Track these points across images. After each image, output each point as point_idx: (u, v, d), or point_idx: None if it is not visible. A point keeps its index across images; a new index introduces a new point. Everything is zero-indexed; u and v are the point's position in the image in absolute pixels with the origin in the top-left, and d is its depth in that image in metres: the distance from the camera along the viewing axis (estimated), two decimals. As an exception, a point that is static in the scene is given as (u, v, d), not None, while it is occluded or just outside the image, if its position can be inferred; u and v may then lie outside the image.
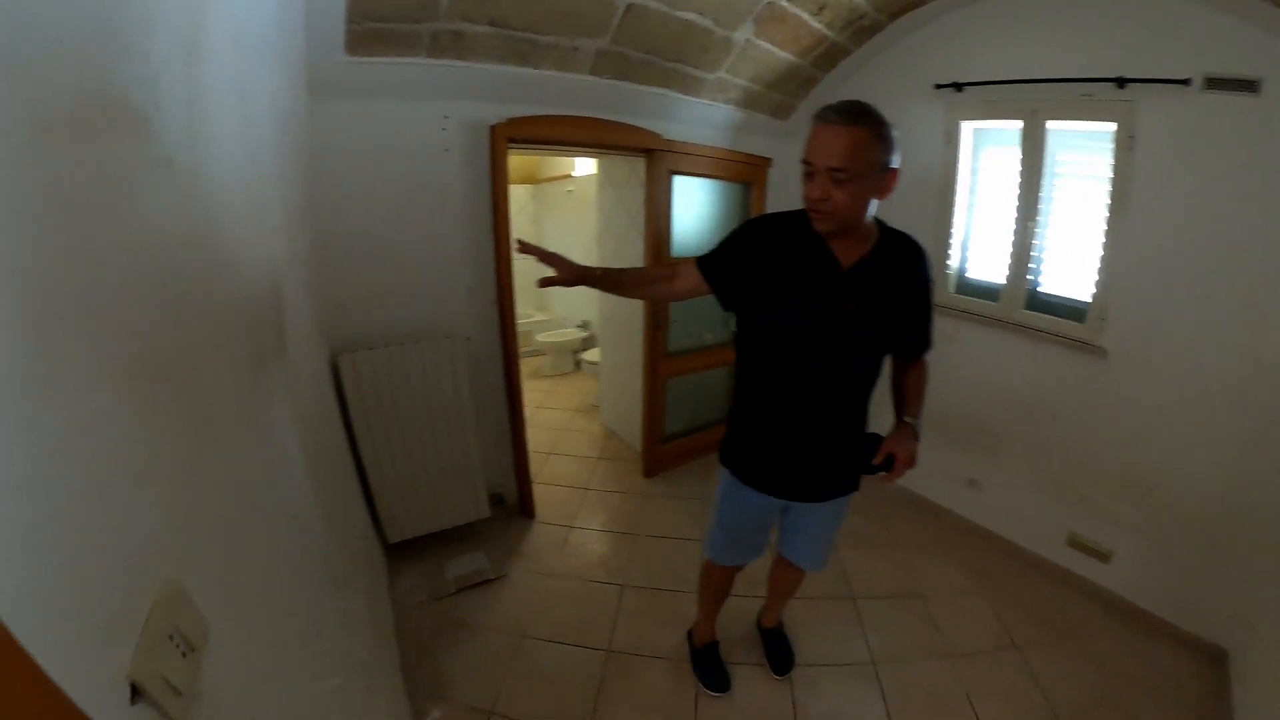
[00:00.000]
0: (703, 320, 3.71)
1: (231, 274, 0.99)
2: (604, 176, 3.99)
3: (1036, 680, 2.27)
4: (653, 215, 3.24)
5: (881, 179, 1.34)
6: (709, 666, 2.22)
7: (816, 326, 1.50)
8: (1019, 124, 2.81)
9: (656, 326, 3.39)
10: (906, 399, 1.66)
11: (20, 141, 0.44)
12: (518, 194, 6.43)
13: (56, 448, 0.46)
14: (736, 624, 2.41)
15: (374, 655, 1.68)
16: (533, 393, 5.15)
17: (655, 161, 3.15)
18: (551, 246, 5.74)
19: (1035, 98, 2.71)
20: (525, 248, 1.57)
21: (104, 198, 0.57)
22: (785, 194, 3.78)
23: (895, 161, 1.34)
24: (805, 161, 1.36)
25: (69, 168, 0.51)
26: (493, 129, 2.58)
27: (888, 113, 1.35)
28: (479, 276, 2.82)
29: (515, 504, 3.26)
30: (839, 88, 3.46)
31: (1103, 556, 2.76)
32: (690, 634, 2.33)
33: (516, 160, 6.12)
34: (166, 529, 0.63)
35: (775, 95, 3.33)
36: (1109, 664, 2.38)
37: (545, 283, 1.59)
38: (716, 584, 2.13)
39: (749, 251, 1.57)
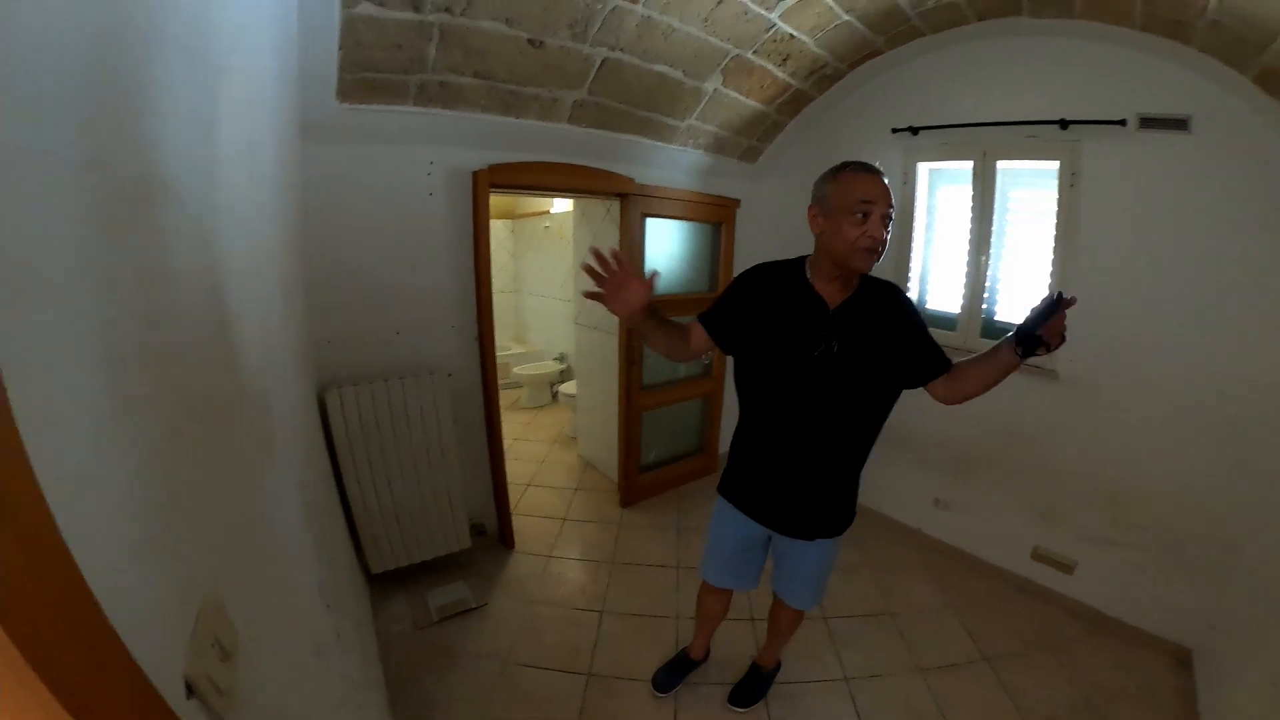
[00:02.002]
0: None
1: (245, 322, 1.08)
2: (580, 215, 4.13)
3: (1007, 690, 2.39)
4: (626, 254, 3.38)
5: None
6: (670, 669, 2.36)
7: (806, 366, 1.58)
8: (971, 164, 3.04)
9: (631, 361, 3.50)
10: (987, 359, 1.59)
11: (101, 218, 0.55)
12: (497, 229, 6.57)
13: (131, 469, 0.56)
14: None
15: (363, 677, 1.74)
16: (511, 425, 5.21)
17: (629, 204, 3.31)
18: (528, 281, 5.87)
19: (986, 140, 2.96)
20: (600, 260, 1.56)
21: (148, 260, 0.66)
22: (754, 233, 3.98)
23: None
24: (865, 202, 1.45)
25: (125, 237, 0.60)
26: (475, 175, 2.71)
27: (850, 154, 1.54)
28: (461, 315, 2.92)
29: (495, 535, 3.31)
30: (803, 133, 3.69)
31: (1066, 568, 2.93)
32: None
33: (496, 197, 6.26)
34: (210, 546, 0.72)
35: (743, 140, 3.53)
36: (1078, 670, 2.52)
37: (590, 295, 1.59)
38: (705, 605, 2.24)
39: (744, 300, 1.69)
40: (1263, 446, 2.34)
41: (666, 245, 3.71)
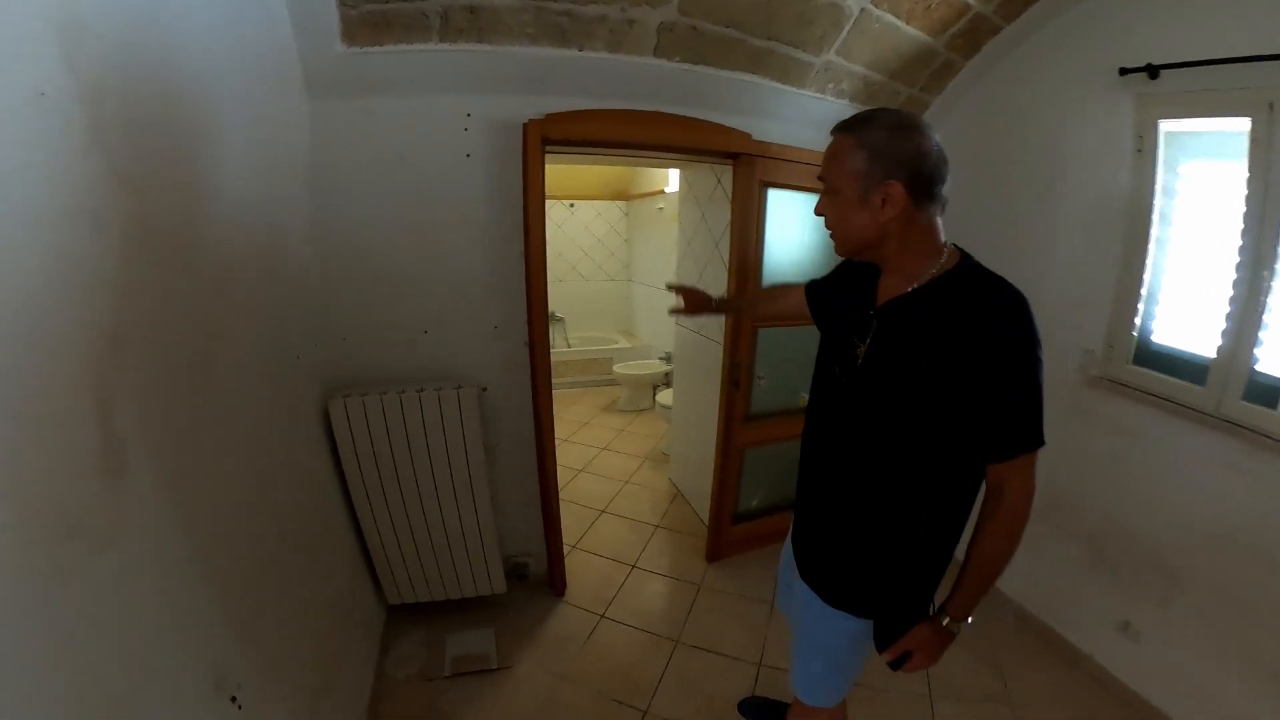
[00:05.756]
0: (798, 376, 2.64)
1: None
2: (686, 190, 3.42)
3: None
4: (739, 237, 2.57)
5: (868, 195, 1.10)
6: None
7: (832, 368, 1.29)
8: (1246, 124, 1.84)
9: (734, 384, 2.69)
10: (964, 573, 1.17)
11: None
12: (610, 211, 6.09)
13: None
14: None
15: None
16: (601, 430, 4.67)
17: (744, 169, 2.50)
18: (640, 270, 5.30)
19: (1273, 84, 1.76)
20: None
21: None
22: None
23: (894, 174, 1.07)
24: None
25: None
26: (525, 127, 2.09)
27: (1051, 110, 0.81)
28: (506, 311, 2.34)
29: (543, 577, 2.73)
30: (985, 77, 2.63)
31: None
32: None
33: (608, 173, 5.70)
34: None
35: (901, 87, 2.57)
36: None
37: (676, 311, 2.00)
38: None
39: (841, 277, 1.44)
40: None
41: (797, 228, 2.78)
